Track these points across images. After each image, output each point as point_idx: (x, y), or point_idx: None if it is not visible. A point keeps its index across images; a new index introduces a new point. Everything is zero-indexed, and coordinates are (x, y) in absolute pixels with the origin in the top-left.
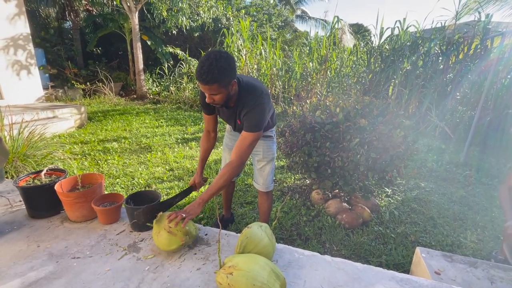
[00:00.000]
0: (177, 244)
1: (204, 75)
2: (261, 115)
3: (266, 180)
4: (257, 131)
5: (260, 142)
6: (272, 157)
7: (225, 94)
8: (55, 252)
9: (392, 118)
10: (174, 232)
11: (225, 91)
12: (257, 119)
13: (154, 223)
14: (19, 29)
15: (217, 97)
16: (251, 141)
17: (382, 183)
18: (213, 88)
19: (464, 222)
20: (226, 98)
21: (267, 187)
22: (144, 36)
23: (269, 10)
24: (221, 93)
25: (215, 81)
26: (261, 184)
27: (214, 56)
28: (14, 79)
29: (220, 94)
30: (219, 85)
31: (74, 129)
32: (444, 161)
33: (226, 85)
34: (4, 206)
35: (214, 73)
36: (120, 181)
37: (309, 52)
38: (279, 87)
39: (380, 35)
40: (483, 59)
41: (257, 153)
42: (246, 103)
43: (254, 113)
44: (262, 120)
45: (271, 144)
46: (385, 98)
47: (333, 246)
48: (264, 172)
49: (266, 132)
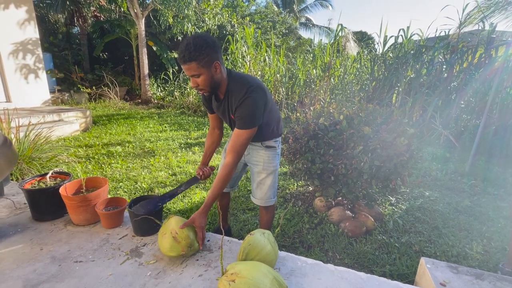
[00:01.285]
0: (178, 252)
1: (182, 54)
2: (252, 108)
3: (265, 194)
4: (250, 128)
5: (261, 152)
6: (273, 170)
7: (208, 76)
8: (58, 255)
9: (395, 126)
10: (179, 239)
11: (206, 72)
12: (248, 113)
13: (163, 223)
14: (28, 34)
15: (199, 79)
16: (245, 139)
17: (385, 191)
18: (192, 68)
19: (470, 233)
20: (210, 82)
21: (266, 202)
22: (150, 42)
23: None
24: (202, 73)
25: (192, 58)
26: (259, 198)
27: (192, 36)
28: (22, 83)
29: (202, 76)
30: (197, 63)
31: (79, 132)
32: (448, 170)
33: (206, 65)
34: (8, 208)
35: (190, 51)
36: (123, 185)
37: (312, 59)
38: (283, 94)
39: (383, 43)
40: (488, 67)
41: (257, 164)
42: (236, 95)
43: (244, 106)
44: (253, 114)
45: (274, 155)
46: (388, 105)
47: (336, 254)
48: (263, 186)
49: (269, 142)
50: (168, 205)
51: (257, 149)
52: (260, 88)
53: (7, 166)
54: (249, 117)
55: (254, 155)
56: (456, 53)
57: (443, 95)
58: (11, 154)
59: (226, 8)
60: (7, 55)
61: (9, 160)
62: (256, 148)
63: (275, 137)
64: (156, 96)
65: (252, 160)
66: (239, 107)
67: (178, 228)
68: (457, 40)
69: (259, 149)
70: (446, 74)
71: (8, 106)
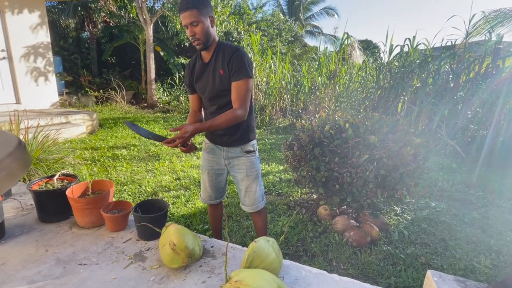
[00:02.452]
0: (179, 264)
1: (185, 1)
2: (245, 59)
3: (254, 199)
4: (248, 76)
5: (242, 159)
6: (256, 174)
7: (205, 26)
8: (63, 257)
9: (402, 135)
10: (177, 251)
11: (204, 21)
12: (242, 62)
13: (162, 233)
14: (40, 38)
15: (197, 28)
16: (247, 88)
17: (391, 201)
18: (193, 14)
19: (478, 246)
20: (206, 32)
21: (257, 207)
22: (157, 47)
23: (279, 25)
24: (201, 22)
25: (195, 6)
26: (249, 205)
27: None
28: (32, 85)
29: (200, 24)
30: (198, 11)
31: (85, 135)
32: (455, 181)
33: (204, 15)
34: (16, 209)
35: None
36: (127, 188)
37: (318, 66)
38: (288, 100)
39: (389, 52)
40: (495, 78)
41: (239, 171)
42: (227, 51)
43: (237, 56)
44: (246, 64)
45: (255, 159)
46: (394, 114)
47: (340, 264)
48: (251, 192)
49: (247, 146)
50: (171, 209)
51: (238, 157)
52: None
53: (21, 169)
54: (244, 66)
55: (235, 163)
56: (463, 63)
57: (450, 105)
58: (26, 158)
59: (233, 16)
60: (19, 58)
61: (24, 163)
62: (236, 156)
63: (251, 140)
64: (162, 101)
65: (234, 169)
66: (231, 58)
67: (176, 239)
68: (463, 50)
69: (240, 156)
70: (452, 83)
71: (18, 107)
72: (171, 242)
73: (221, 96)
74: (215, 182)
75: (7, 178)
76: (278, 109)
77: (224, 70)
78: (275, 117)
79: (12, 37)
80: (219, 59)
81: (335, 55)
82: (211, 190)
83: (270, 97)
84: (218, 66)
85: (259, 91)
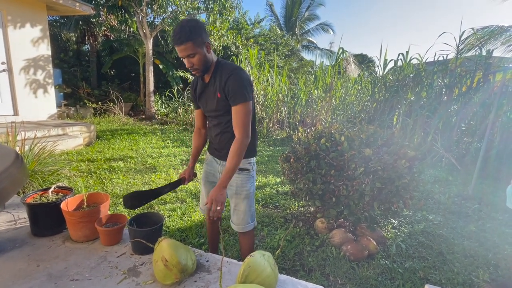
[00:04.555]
0: (171, 280)
1: (178, 36)
2: (240, 82)
3: (242, 219)
4: (245, 101)
5: (234, 175)
6: (246, 194)
7: (202, 55)
8: (55, 272)
9: (396, 148)
10: (170, 267)
11: (201, 51)
12: (238, 86)
13: (155, 248)
14: (41, 51)
15: (195, 59)
16: (245, 113)
17: (388, 213)
18: (188, 47)
19: (476, 259)
20: (204, 60)
21: (244, 228)
22: (157, 60)
23: (276, 40)
24: (197, 53)
25: (188, 38)
26: (235, 223)
27: (184, 20)
28: (31, 97)
29: (197, 55)
30: (193, 43)
31: (82, 146)
32: (451, 193)
33: (201, 44)
34: (8, 222)
35: (186, 31)
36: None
37: (314, 80)
38: (285, 113)
39: (383, 66)
40: (486, 92)
41: (230, 187)
42: (224, 74)
43: (232, 80)
44: (244, 87)
45: (247, 179)
46: (390, 127)
47: (337, 279)
48: (239, 211)
49: (243, 164)
50: (167, 223)
51: None
52: (246, 72)
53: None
54: (241, 90)
55: None
56: (455, 77)
57: (444, 117)
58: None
59: (232, 30)
60: (18, 70)
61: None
62: None
63: (250, 156)
64: (160, 113)
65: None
66: (228, 82)
67: (168, 254)
68: (455, 65)
69: None
70: (445, 97)
71: (16, 119)
72: (163, 258)
73: (221, 115)
74: None
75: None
76: (276, 121)
77: (221, 93)
78: (273, 129)
79: (13, 50)
80: (217, 81)
81: (331, 69)
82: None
83: (268, 109)
84: (216, 88)
85: (257, 104)
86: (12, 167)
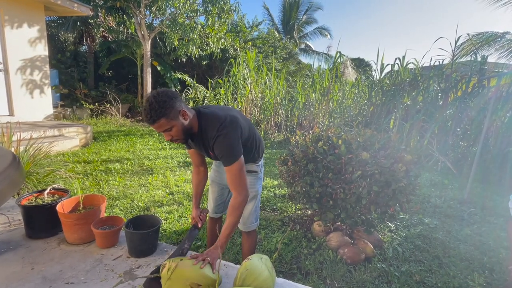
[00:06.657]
0: None
1: (148, 115)
2: (227, 143)
3: (247, 219)
4: (235, 161)
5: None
6: (254, 194)
7: (180, 126)
8: (49, 276)
9: (393, 152)
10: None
11: (177, 123)
12: (226, 149)
13: (163, 276)
14: (38, 52)
15: (173, 132)
16: (237, 171)
17: (384, 217)
18: (163, 124)
19: (471, 263)
20: (184, 130)
21: (248, 227)
22: (155, 62)
23: (274, 43)
24: (173, 126)
25: (159, 115)
26: (241, 223)
27: (151, 95)
28: (27, 97)
29: (175, 128)
30: (166, 118)
31: (78, 148)
32: (447, 197)
33: (175, 117)
34: (2, 224)
35: (156, 109)
36: (119, 203)
37: (312, 83)
38: (282, 115)
39: (380, 70)
40: (481, 97)
41: None
42: (208, 135)
43: (219, 144)
44: (231, 148)
45: (255, 180)
46: (386, 130)
47: (334, 282)
48: (245, 211)
49: (251, 166)
50: (164, 225)
51: None
52: (231, 122)
53: (11, 190)
54: (228, 152)
55: None
56: (450, 82)
57: (440, 122)
58: (17, 176)
59: (230, 33)
60: (15, 70)
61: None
62: None
63: (255, 161)
64: None
65: None
66: (214, 145)
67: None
68: (450, 69)
69: None
70: (441, 101)
71: (11, 119)
72: (194, 285)
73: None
74: (217, 195)
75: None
76: (273, 124)
77: (213, 152)
78: (270, 132)
79: (10, 50)
80: (204, 140)
81: (328, 72)
82: (212, 202)
83: (265, 112)
84: (207, 147)
85: (255, 106)
86: (9, 169)
